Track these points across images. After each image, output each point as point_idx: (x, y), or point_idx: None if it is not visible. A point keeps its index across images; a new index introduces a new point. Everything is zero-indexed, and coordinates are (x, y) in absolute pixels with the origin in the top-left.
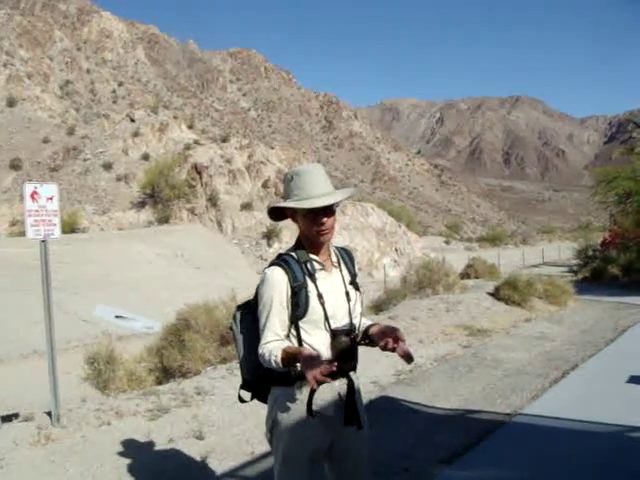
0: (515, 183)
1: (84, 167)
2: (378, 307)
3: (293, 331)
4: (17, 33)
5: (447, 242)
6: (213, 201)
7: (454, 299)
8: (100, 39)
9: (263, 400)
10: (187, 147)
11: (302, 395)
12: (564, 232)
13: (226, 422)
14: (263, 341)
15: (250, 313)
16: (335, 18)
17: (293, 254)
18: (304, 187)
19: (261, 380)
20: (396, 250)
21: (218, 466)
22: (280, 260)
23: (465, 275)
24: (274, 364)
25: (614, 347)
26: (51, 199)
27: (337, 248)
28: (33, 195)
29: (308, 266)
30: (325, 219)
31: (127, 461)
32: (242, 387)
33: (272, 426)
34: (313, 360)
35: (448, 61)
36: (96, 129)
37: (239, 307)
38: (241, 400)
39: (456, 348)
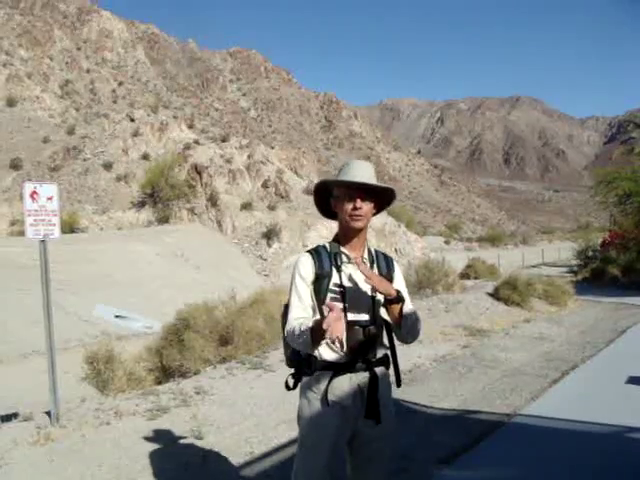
0: (515, 183)
1: (84, 167)
2: None
3: (318, 314)
4: (17, 33)
5: (447, 242)
6: (213, 201)
7: (453, 299)
8: (100, 39)
9: None
10: (187, 147)
11: (320, 385)
12: (564, 232)
13: (225, 422)
14: (291, 317)
15: None
16: (335, 18)
17: (326, 245)
18: (350, 172)
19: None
20: (396, 250)
21: (217, 466)
22: (312, 249)
23: (465, 275)
24: (302, 337)
25: (613, 348)
26: (50, 199)
27: (377, 251)
28: (33, 195)
29: (336, 258)
30: (360, 202)
31: (126, 461)
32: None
33: (298, 413)
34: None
35: (448, 61)
36: (96, 129)
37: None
38: (288, 388)
39: (455, 348)
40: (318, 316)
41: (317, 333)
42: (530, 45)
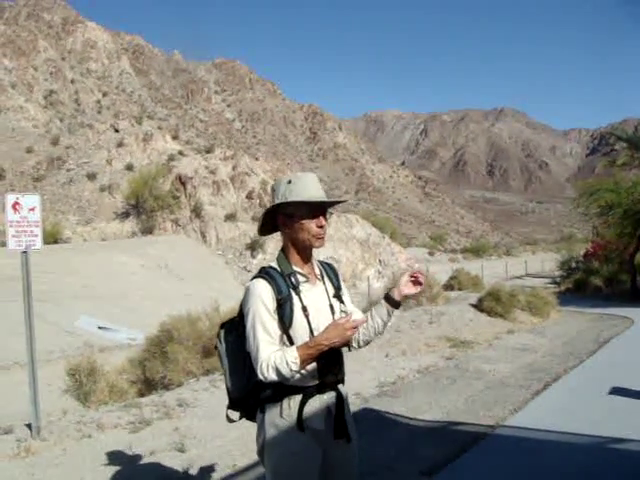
0: (499, 195)
1: (68, 177)
2: None
3: (286, 341)
4: (1, 42)
5: (431, 253)
6: (197, 212)
7: (437, 311)
8: (85, 49)
9: (252, 419)
10: (171, 158)
11: (291, 410)
12: (547, 243)
13: (208, 434)
14: (263, 355)
15: (234, 330)
16: (320, 30)
17: (276, 267)
18: (307, 188)
19: (248, 398)
20: (380, 261)
21: (200, 479)
22: (263, 273)
23: (449, 286)
24: (289, 370)
25: (596, 358)
26: (33, 210)
27: (320, 262)
28: (15, 206)
29: (292, 279)
30: (323, 220)
31: (107, 474)
32: (229, 407)
33: (262, 444)
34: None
35: (432, 73)
36: (80, 139)
37: (222, 325)
38: (230, 420)
39: (439, 360)
40: (287, 343)
41: (309, 351)
42: (514, 57)
